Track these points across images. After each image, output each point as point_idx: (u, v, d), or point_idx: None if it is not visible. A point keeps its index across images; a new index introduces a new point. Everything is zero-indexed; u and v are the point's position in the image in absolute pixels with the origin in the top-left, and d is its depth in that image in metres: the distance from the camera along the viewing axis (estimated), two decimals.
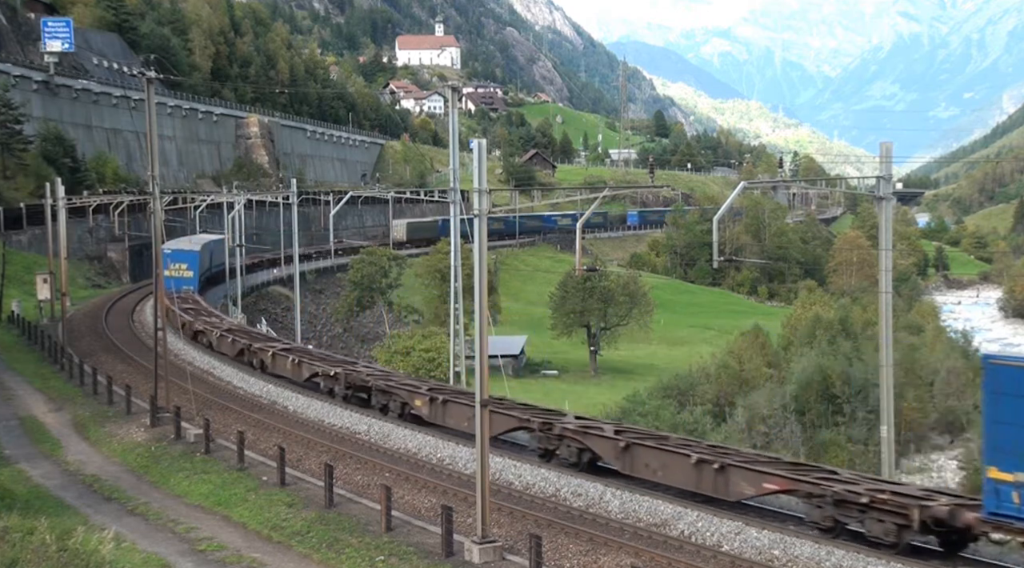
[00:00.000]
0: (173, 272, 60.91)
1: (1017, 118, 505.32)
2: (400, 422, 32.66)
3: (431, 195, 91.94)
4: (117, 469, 29.18)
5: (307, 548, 21.17)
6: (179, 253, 65.55)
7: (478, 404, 19.84)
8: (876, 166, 28.68)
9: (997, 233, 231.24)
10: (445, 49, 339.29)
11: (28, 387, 41.72)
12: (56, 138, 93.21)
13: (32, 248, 79.48)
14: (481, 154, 19.82)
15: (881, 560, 19.11)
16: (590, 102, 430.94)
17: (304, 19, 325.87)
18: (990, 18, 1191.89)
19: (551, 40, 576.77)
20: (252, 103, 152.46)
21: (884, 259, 28.45)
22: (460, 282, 41.74)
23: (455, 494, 24.53)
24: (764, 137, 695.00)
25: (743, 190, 35.42)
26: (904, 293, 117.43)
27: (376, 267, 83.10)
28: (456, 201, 40.78)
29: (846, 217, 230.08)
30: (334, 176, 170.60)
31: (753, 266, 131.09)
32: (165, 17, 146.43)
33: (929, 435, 65.68)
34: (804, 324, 74.46)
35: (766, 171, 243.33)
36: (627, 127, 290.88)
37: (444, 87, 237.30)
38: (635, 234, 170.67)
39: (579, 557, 20.13)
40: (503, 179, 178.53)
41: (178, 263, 63.67)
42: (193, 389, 34.67)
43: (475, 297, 20.11)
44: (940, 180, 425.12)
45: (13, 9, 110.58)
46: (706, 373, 64.49)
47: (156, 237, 34.04)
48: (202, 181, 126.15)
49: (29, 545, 17.42)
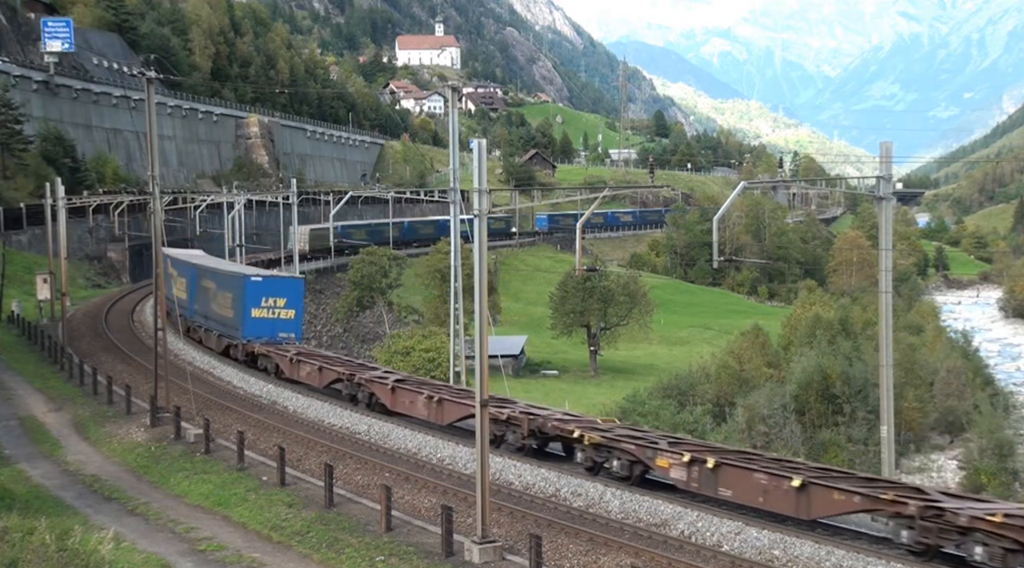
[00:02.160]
0: (264, 312, 41.38)
1: (1017, 118, 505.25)
2: (400, 422, 32.66)
3: (431, 195, 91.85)
4: (117, 469, 29.17)
5: (307, 548, 21.16)
6: (274, 284, 42.44)
7: (478, 404, 19.84)
8: (876, 166, 28.68)
9: (997, 233, 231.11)
10: (445, 49, 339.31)
11: (28, 387, 41.71)
12: (56, 138, 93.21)
13: (32, 248, 79.50)
14: (481, 154, 19.82)
15: (881, 560, 19.11)
16: (590, 102, 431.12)
17: (304, 19, 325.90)
18: (990, 18, 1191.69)
19: (551, 40, 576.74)
20: (252, 103, 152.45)
21: (884, 259, 28.45)
22: (460, 282, 41.71)
23: (455, 494, 24.53)
24: (764, 137, 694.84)
25: (743, 190, 35.42)
26: (904, 293, 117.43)
27: (376, 267, 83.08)
28: (456, 201, 40.77)
29: (846, 217, 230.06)
30: (334, 176, 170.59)
31: (753, 266, 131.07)
32: (165, 17, 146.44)
33: (929, 435, 65.67)
34: (804, 324, 74.38)
35: (766, 171, 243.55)
36: (627, 127, 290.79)
37: (444, 87, 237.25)
38: (635, 234, 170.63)
39: (579, 557, 20.13)
40: (503, 179, 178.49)
41: (271, 297, 41.53)
42: (193, 389, 34.66)
43: (475, 297, 20.10)
44: (940, 180, 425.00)
45: (13, 9, 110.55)
46: (706, 373, 64.45)
47: (156, 237, 34.00)
48: (202, 181, 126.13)
49: (29, 545, 17.42)
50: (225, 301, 43.66)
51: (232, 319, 42.68)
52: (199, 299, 47.83)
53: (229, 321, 43.42)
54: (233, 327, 42.65)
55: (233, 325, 42.49)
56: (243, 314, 41.32)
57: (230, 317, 43.17)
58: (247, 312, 41.19)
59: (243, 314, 41.32)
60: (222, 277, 45.23)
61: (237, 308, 41.81)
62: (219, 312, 44.72)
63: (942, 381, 67.38)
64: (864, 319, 77.67)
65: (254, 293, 41.18)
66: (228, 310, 43.32)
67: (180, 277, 51.22)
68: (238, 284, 41.92)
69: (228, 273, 45.70)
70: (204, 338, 47.44)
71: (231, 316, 43.03)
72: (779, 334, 77.88)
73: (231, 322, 43.08)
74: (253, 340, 41.17)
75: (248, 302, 41.22)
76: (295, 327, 42.01)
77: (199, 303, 47.86)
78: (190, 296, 49.17)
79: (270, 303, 41.34)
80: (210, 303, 45.91)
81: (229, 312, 43.15)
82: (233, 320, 42.52)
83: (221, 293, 44.30)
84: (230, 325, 43.30)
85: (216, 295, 45.01)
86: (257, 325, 41.28)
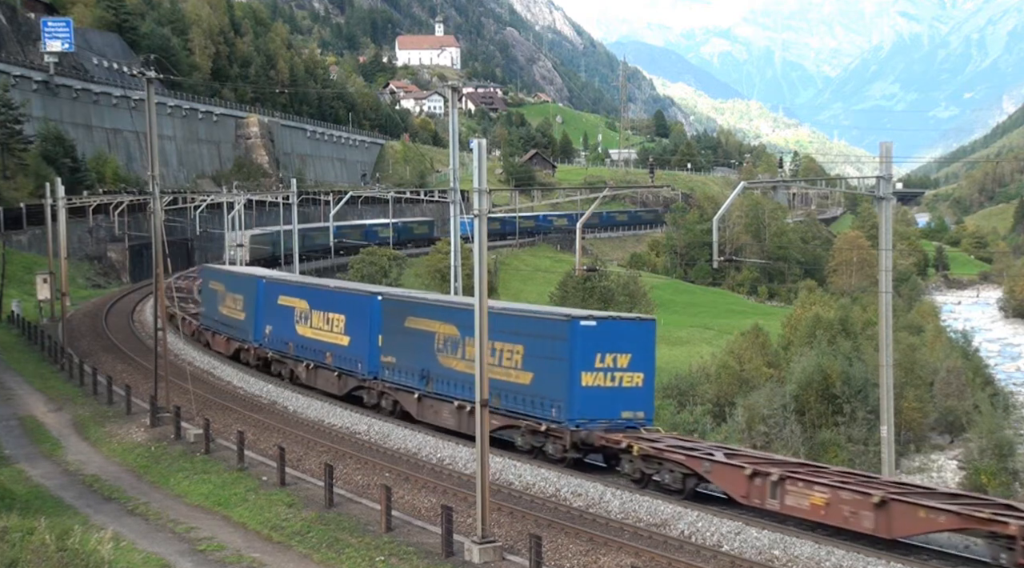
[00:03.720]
0: (600, 378, 26.43)
1: (1017, 118, 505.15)
2: (397, 421, 32.64)
3: (431, 195, 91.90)
4: (117, 469, 29.17)
5: (307, 548, 21.16)
6: (615, 330, 27.15)
7: (478, 404, 19.83)
8: (876, 166, 28.71)
9: (997, 233, 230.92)
10: (445, 49, 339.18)
11: (28, 387, 41.71)
12: (56, 138, 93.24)
13: (32, 248, 79.53)
14: (481, 154, 19.82)
15: (881, 560, 19.10)
16: (590, 102, 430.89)
17: (304, 19, 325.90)
18: (990, 18, 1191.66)
19: (551, 40, 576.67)
20: (252, 103, 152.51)
21: (884, 259, 28.47)
22: (460, 282, 41.74)
23: (455, 494, 24.53)
24: (764, 137, 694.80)
25: (743, 190, 35.43)
26: (904, 293, 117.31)
27: (376, 267, 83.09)
28: (456, 201, 40.80)
29: (846, 217, 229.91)
30: (334, 176, 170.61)
31: (753, 266, 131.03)
32: (165, 17, 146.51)
33: (929, 435, 65.64)
34: (804, 324, 74.33)
35: (766, 171, 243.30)
36: (627, 127, 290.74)
37: (444, 87, 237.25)
38: (634, 234, 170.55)
39: (579, 557, 20.13)
40: (503, 179, 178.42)
41: (611, 353, 26.50)
42: (193, 389, 34.66)
43: (475, 297, 20.10)
44: (940, 180, 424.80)
45: (13, 9, 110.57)
46: (706, 373, 64.40)
47: (156, 237, 34.00)
48: (202, 181, 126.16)
49: (29, 545, 17.43)
50: (442, 344, 30.98)
51: (529, 387, 27.48)
52: (296, 324, 39.04)
53: (430, 371, 31.44)
54: (530, 398, 27.47)
55: (527, 395, 27.62)
56: (568, 382, 26.25)
57: (437, 368, 31.05)
58: (574, 379, 26.13)
59: (568, 382, 26.25)
60: (441, 310, 31.84)
61: (552, 371, 26.77)
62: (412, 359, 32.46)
63: (942, 381, 67.34)
64: (864, 319, 77.61)
65: (586, 346, 26.18)
66: (439, 357, 31.01)
67: (235, 293, 44.90)
68: (557, 330, 26.88)
69: (445, 306, 32.28)
70: (309, 376, 38.40)
71: (429, 365, 31.35)
72: (779, 334, 77.82)
73: (437, 375, 31.09)
74: (586, 426, 26.06)
75: (577, 362, 26.10)
76: (645, 401, 27.15)
77: (300, 331, 38.90)
78: (281, 320, 40.35)
79: (608, 361, 26.31)
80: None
81: (458, 364, 29.96)
82: (527, 388, 27.53)
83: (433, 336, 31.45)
84: (435, 379, 31.28)
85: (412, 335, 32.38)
86: (590, 400, 26.16)
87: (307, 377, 38.45)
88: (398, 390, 32.94)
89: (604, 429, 25.89)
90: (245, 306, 43.66)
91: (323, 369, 37.36)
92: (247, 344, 43.59)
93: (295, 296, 39.93)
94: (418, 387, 31.86)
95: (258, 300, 42.46)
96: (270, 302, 41.58)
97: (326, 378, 37.24)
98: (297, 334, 39.05)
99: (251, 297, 43.09)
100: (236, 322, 44.56)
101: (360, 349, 34.78)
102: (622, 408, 26.62)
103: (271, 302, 41.48)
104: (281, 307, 40.41)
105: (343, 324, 35.98)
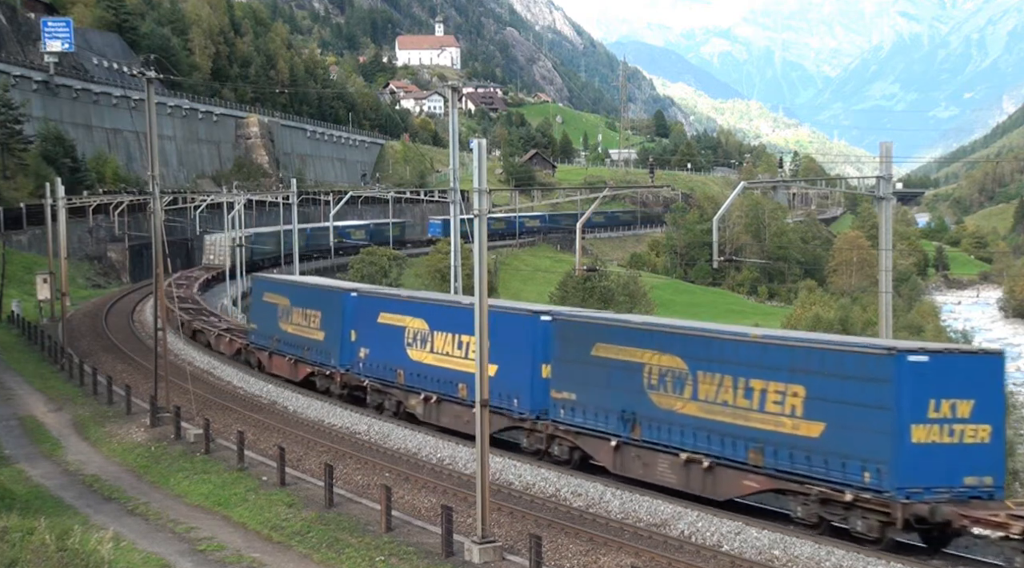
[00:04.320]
0: (935, 432, 20.14)
1: (1017, 118, 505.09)
2: (397, 421, 32.64)
3: (431, 195, 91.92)
4: (117, 469, 29.17)
5: (307, 548, 21.17)
6: (954, 367, 20.64)
7: (479, 404, 19.84)
8: (876, 166, 28.73)
9: (997, 233, 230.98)
10: (445, 49, 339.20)
11: (28, 387, 41.71)
12: (56, 138, 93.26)
13: (32, 248, 79.54)
14: (481, 154, 19.83)
15: (881, 560, 19.11)
16: (590, 102, 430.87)
17: (304, 19, 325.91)
18: (990, 18, 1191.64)
19: (551, 40, 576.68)
20: (252, 103, 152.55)
21: (884, 259, 28.48)
22: (460, 282, 41.74)
23: (455, 494, 24.53)
24: (764, 137, 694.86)
25: (743, 190, 35.44)
26: (904, 293, 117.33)
27: (376, 267, 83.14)
28: (456, 201, 40.81)
29: (846, 217, 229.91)
30: (334, 176, 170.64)
31: (753, 266, 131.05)
32: (165, 17, 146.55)
33: None
34: (804, 324, 74.36)
35: (766, 171, 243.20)
36: (627, 127, 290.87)
37: (444, 87, 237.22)
38: (634, 234, 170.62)
39: (579, 557, 20.13)
40: (503, 179, 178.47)
41: (949, 399, 20.24)
42: (193, 389, 34.65)
43: (475, 297, 20.10)
44: (940, 180, 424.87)
45: (13, 9, 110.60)
46: None
47: (156, 237, 34.00)
48: (202, 181, 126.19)
49: (29, 545, 17.43)
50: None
51: (818, 442, 21.30)
52: (408, 348, 33.02)
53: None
54: (821, 456, 21.22)
55: (813, 452, 21.43)
56: (893, 438, 20.07)
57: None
58: (902, 433, 19.99)
59: (893, 438, 20.07)
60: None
61: (862, 422, 20.64)
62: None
63: None
64: (864, 319, 77.66)
65: (918, 389, 20.09)
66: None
67: (307, 308, 39.04)
68: (872, 368, 20.71)
69: (666, 331, 25.49)
70: (428, 411, 32.23)
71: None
72: None
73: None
74: (920, 496, 19.98)
75: (905, 411, 20.00)
76: (993, 463, 20.68)
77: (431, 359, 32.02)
78: (383, 342, 34.19)
79: (945, 410, 20.18)
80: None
81: (683, 406, 24.21)
82: (814, 443, 21.33)
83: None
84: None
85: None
86: (924, 461, 20.00)
87: (425, 412, 32.13)
88: (581, 435, 26.81)
89: (946, 500, 19.83)
90: (325, 324, 37.51)
91: (451, 403, 30.97)
92: (328, 369, 37.34)
93: (405, 314, 33.59)
94: (617, 433, 25.65)
95: (345, 317, 36.26)
96: (366, 320, 35.38)
97: (455, 414, 30.82)
98: (410, 359, 32.81)
99: (335, 314, 36.89)
100: (310, 342, 38.46)
101: (514, 381, 28.43)
102: (964, 472, 20.19)
103: (367, 320, 35.31)
104: (383, 326, 34.23)
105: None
